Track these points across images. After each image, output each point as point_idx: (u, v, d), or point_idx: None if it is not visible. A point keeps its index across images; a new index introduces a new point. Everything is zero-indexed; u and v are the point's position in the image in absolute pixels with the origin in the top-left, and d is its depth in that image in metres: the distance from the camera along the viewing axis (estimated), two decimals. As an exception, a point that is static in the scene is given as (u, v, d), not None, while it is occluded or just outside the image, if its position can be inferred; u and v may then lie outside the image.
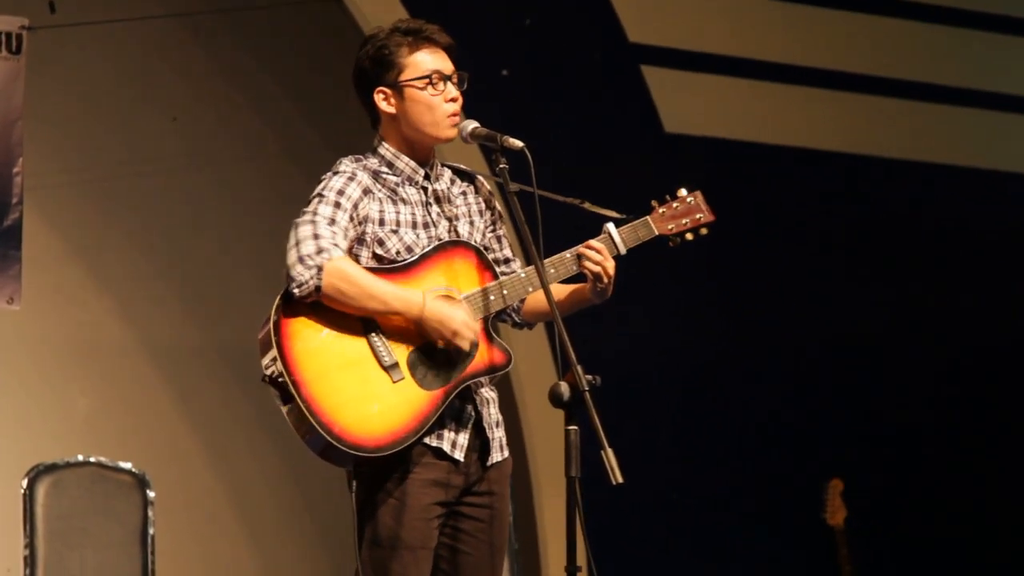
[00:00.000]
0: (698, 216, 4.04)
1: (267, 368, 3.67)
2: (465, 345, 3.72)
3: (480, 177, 4.02)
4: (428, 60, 3.83)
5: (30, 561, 5.79)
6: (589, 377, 3.51)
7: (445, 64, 3.85)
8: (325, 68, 7.37)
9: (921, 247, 7.94)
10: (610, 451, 3.41)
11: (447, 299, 3.76)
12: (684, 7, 7.48)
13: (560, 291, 3.93)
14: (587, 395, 3.49)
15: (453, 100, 3.84)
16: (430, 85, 3.81)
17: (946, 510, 7.86)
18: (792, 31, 7.69)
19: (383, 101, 3.85)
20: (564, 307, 3.89)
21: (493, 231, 3.99)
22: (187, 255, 7.28)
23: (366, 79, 3.86)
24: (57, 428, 6.91)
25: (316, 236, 3.69)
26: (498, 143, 3.79)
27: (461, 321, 3.71)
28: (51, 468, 5.93)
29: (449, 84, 3.83)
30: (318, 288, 3.65)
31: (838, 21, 7.79)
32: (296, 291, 3.66)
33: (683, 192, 4.04)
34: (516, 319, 4.02)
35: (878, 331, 7.80)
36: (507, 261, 3.99)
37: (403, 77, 3.82)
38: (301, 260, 3.66)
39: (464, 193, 3.96)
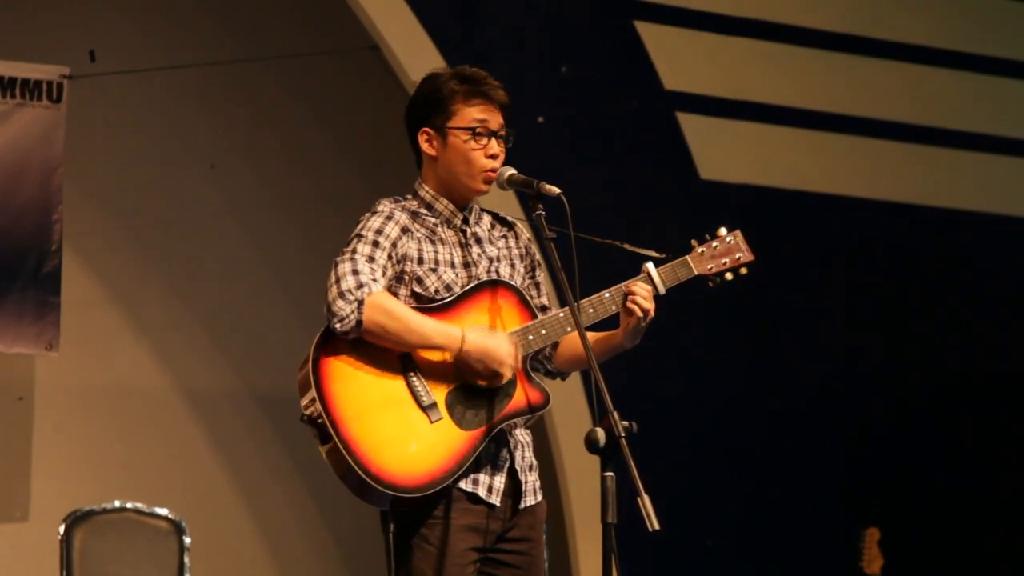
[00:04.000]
0: (738, 256, 4.02)
1: (306, 407, 3.69)
2: (508, 374, 3.72)
3: (520, 224, 4.03)
4: (478, 112, 3.84)
5: (67, 607, 5.80)
6: (625, 423, 3.47)
7: (494, 119, 3.85)
8: (362, 117, 7.41)
9: (955, 295, 7.91)
10: (646, 498, 3.38)
11: (489, 329, 3.77)
12: (719, 55, 7.49)
13: (592, 336, 3.91)
14: (623, 441, 3.46)
15: (493, 156, 3.85)
16: (473, 138, 3.83)
17: (983, 560, 7.80)
18: (826, 79, 7.70)
19: (426, 142, 3.87)
20: (596, 352, 3.85)
21: (532, 277, 4.00)
22: (223, 302, 7.31)
23: (415, 117, 3.88)
24: (94, 474, 6.93)
25: (356, 272, 3.71)
26: (534, 189, 3.79)
27: (505, 352, 3.71)
28: (88, 514, 5.95)
29: (493, 140, 3.84)
30: (359, 323, 3.66)
31: (873, 69, 7.80)
32: (338, 326, 3.67)
33: (723, 232, 4.02)
34: (549, 367, 4.01)
35: (916, 377, 7.77)
36: (543, 308, 3.98)
37: (451, 123, 3.83)
38: (342, 295, 3.68)
39: (504, 237, 3.98)
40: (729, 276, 4.02)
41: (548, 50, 7.16)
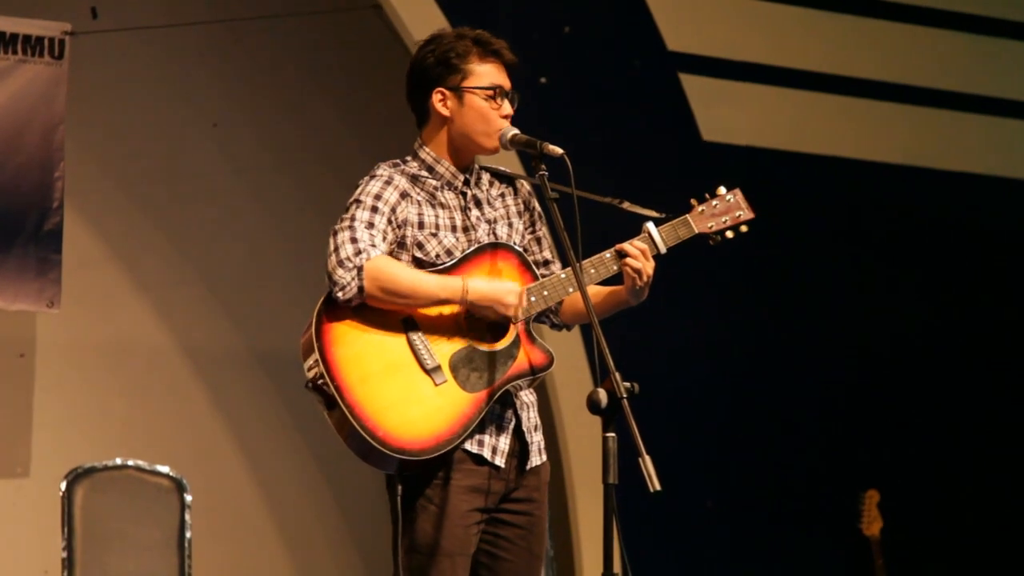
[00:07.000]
0: (738, 214, 4.03)
1: (310, 373, 3.69)
2: (519, 313, 3.74)
3: (519, 179, 4.03)
4: (494, 73, 3.86)
5: (68, 563, 5.82)
6: (627, 384, 3.48)
7: (507, 81, 3.88)
8: (364, 76, 7.40)
9: (959, 256, 7.91)
10: (648, 458, 3.39)
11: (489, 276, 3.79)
12: (723, 16, 7.47)
13: (597, 292, 3.94)
14: (625, 402, 3.47)
15: (506, 117, 3.87)
16: (491, 98, 3.84)
17: (982, 522, 7.83)
18: (830, 40, 7.68)
19: (440, 102, 3.86)
20: (602, 308, 3.89)
21: (532, 232, 4.00)
22: (225, 260, 7.31)
23: (426, 77, 3.87)
24: (95, 431, 6.95)
25: (354, 239, 3.71)
26: (538, 149, 3.79)
27: (509, 289, 3.74)
28: (89, 471, 5.97)
29: (506, 101, 3.87)
30: (361, 289, 3.67)
31: (878, 30, 7.77)
32: (340, 295, 3.68)
33: (722, 190, 4.04)
34: (554, 320, 4.02)
35: (916, 340, 7.77)
36: (546, 263, 4.00)
37: (467, 83, 3.84)
38: (341, 264, 3.68)
39: (503, 195, 3.98)
40: (730, 234, 4.03)
41: (551, 10, 7.13)
